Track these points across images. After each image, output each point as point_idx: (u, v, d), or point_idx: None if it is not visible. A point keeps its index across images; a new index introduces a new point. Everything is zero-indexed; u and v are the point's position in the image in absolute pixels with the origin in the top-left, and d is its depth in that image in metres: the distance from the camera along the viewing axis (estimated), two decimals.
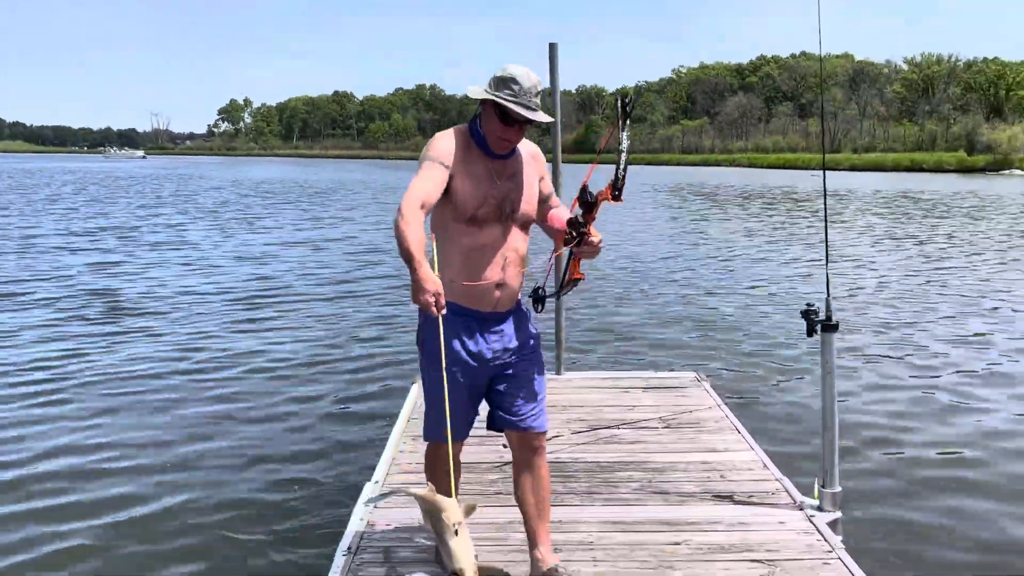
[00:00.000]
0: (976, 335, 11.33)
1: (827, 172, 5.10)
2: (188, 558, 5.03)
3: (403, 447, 5.25)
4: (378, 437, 6.40)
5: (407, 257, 2.86)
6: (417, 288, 2.84)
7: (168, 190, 47.72)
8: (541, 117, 3.07)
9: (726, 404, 6.23)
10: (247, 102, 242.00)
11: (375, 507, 4.38)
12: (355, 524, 4.18)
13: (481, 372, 3.28)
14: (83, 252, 18.86)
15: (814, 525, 4.10)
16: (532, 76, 3.06)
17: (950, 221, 29.59)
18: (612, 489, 4.61)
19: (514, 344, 3.33)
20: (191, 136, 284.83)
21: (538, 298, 3.42)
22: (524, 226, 3.29)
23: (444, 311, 2.88)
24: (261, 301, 13.45)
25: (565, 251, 3.33)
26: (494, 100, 3.02)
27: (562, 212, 3.43)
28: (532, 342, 3.45)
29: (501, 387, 3.35)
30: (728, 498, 4.47)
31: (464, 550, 2.77)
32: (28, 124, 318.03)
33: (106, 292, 13.96)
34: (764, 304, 13.69)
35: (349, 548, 3.92)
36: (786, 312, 12.24)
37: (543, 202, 3.42)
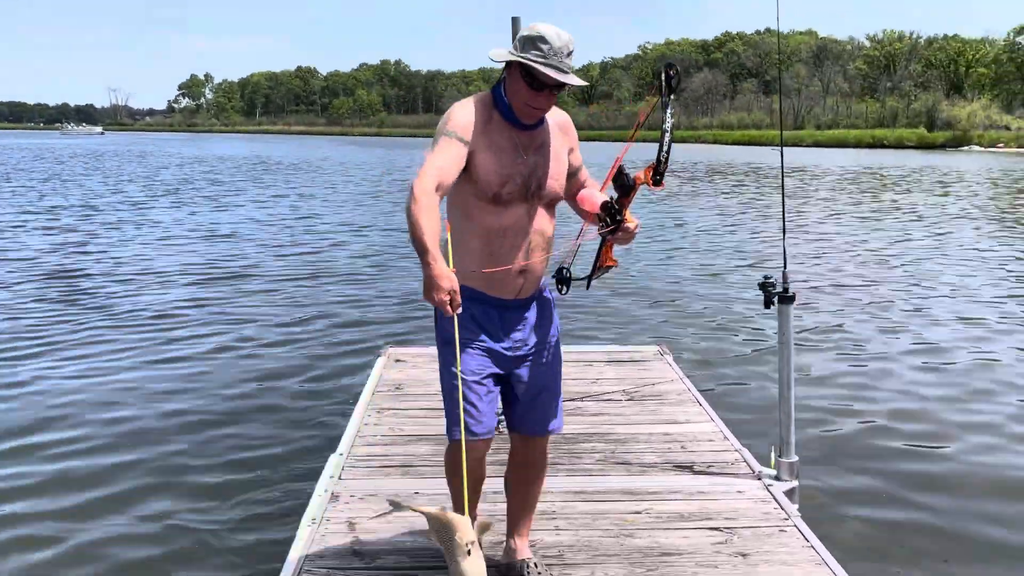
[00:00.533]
0: (936, 309, 11.44)
1: (791, 148, 5.15)
2: (149, 532, 4.92)
3: (368, 419, 5.27)
4: (343, 411, 6.30)
5: (420, 249, 2.56)
6: (430, 285, 2.53)
7: (128, 167, 46.93)
8: (574, 80, 2.71)
9: (688, 377, 6.27)
10: (208, 77, 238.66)
11: (340, 479, 4.39)
12: (319, 496, 4.17)
13: (501, 364, 3.00)
14: (40, 232, 18.45)
15: (771, 494, 4.17)
16: (563, 34, 2.70)
17: (912, 196, 29.94)
18: (575, 460, 4.65)
19: (535, 337, 3.08)
20: (151, 112, 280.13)
21: (563, 279, 3.15)
22: (550, 205, 3.00)
23: (460, 310, 2.57)
24: (227, 278, 13.28)
25: (594, 233, 3.07)
26: (521, 62, 2.68)
27: (595, 194, 3.07)
28: (554, 333, 3.19)
29: (519, 389, 3.11)
30: (688, 468, 4.52)
31: (476, 572, 2.58)
32: None
33: (68, 272, 13.66)
34: (727, 278, 13.78)
35: (313, 519, 3.91)
36: (748, 285, 12.31)
37: (572, 176, 3.11)
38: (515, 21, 6.25)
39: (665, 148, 2.92)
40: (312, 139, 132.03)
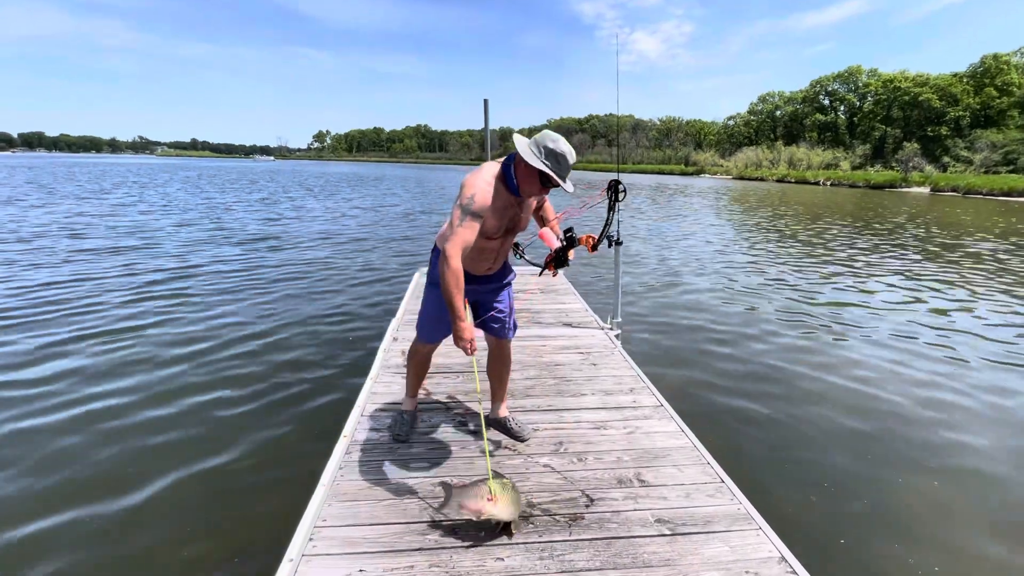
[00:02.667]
0: (697, 246, 11.45)
1: (619, 173, 5.03)
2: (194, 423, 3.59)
3: (409, 302, 5.12)
4: (400, 295, 5.99)
5: (452, 310, 2.08)
6: (458, 335, 2.10)
7: (288, 177, 44.75)
8: (569, 187, 2.13)
9: (570, 282, 6.20)
10: (327, 132, 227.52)
11: (399, 329, 4.17)
12: (387, 338, 3.96)
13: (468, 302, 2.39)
14: (253, 212, 17.41)
15: (608, 336, 4.20)
16: (572, 153, 2.11)
17: (682, 198, 30.02)
18: (520, 317, 4.61)
19: (493, 287, 2.50)
20: (299, 149, 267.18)
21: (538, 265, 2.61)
22: (517, 232, 2.38)
23: (476, 352, 2.12)
24: (338, 237, 12.67)
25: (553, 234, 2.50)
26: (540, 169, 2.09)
27: (552, 238, 2.47)
28: (508, 287, 2.58)
29: (487, 313, 2.54)
30: (569, 325, 4.51)
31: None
32: (213, 141, 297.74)
33: (264, 234, 12.94)
34: (585, 232, 13.58)
35: (385, 349, 3.75)
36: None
37: (540, 208, 2.52)
38: (486, 102, 5.81)
39: (605, 233, 2.59)
40: (381, 164, 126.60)
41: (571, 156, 2.10)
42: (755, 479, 3.07)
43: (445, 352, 3.74)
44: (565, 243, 2.44)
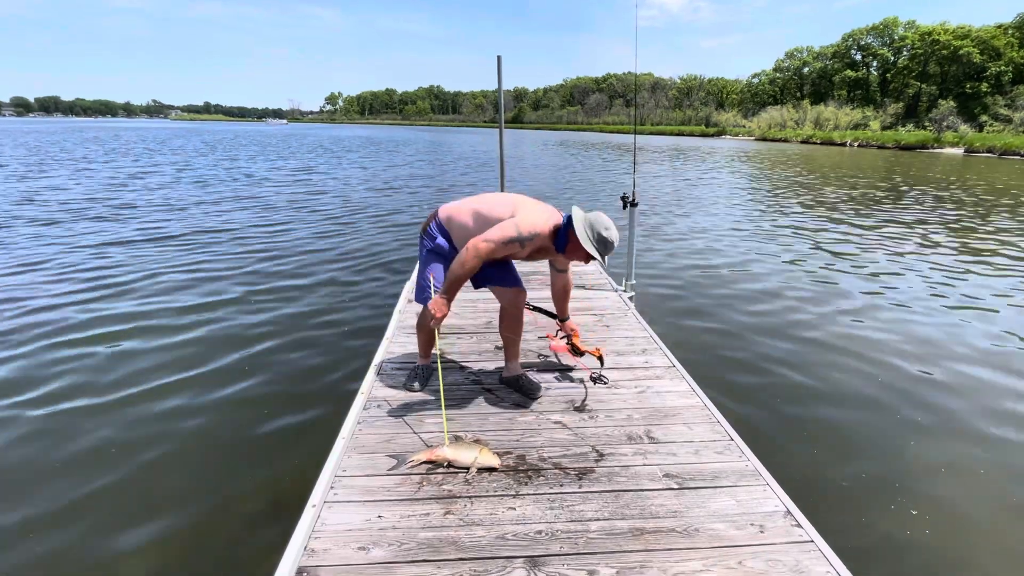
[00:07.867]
0: (699, 211, 11.20)
1: (639, 136, 4.88)
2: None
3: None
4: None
5: (449, 293, 2.27)
6: (436, 309, 2.28)
7: (300, 140, 44.45)
8: (606, 261, 2.40)
9: None
10: (339, 94, 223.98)
11: (410, 301, 4.30)
12: (402, 300, 4.04)
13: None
14: (272, 168, 17.58)
15: (622, 298, 4.19)
16: (618, 238, 2.38)
17: (698, 161, 29.21)
18: (531, 282, 4.57)
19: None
20: (311, 112, 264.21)
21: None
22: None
23: (441, 324, 2.32)
24: (357, 197, 12.65)
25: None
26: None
27: (559, 346, 2.92)
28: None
29: (491, 270, 2.59)
30: (583, 287, 4.51)
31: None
32: (226, 105, 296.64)
33: (287, 203, 13.02)
34: (608, 193, 13.44)
35: (399, 310, 3.85)
36: (613, 197, 12.10)
37: (562, 268, 2.78)
38: (499, 59, 5.69)
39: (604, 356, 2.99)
40: (394, 127, 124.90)
41: (617, 242, 2.38)
42: (765, 439, 3.10)
43: (458, 313, 3.78)
44: (572, 352, 2.87)
